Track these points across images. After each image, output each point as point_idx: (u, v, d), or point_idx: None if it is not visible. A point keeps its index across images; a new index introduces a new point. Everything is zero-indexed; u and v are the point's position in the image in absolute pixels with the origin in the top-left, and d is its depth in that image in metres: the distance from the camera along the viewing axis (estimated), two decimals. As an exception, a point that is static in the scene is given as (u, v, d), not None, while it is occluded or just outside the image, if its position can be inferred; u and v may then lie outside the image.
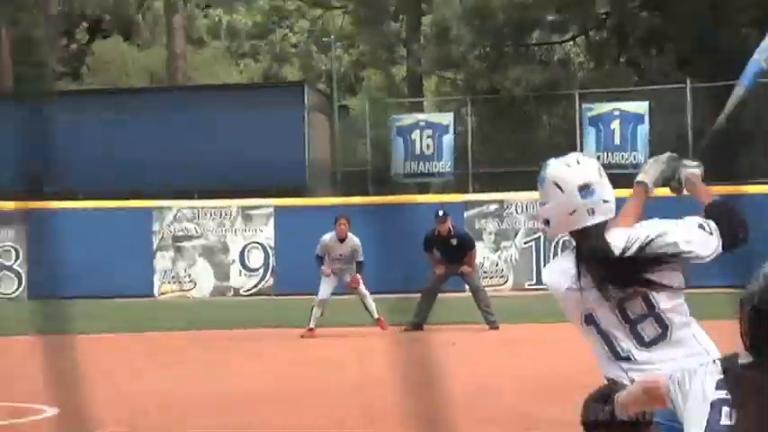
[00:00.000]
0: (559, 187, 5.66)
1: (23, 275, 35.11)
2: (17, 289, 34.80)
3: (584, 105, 38.53)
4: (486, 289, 25.37)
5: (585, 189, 5.64)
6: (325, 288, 23.27)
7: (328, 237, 23.51)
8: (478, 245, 30.64)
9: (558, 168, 5.73)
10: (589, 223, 5.65)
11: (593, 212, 5.65)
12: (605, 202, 5.68)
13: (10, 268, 35.31)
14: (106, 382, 16.81)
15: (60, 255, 33.03)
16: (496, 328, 23.00)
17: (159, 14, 54.48)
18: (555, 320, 10.61)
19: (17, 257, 35.29)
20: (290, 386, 16.35)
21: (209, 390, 15.81)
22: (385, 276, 25.69)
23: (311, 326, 22.90)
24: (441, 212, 24.27)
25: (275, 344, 22.23)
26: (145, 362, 19.78)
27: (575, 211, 5.65)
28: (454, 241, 23.89)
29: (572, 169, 5.71)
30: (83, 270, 33.16)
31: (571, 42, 46.41)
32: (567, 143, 37.68)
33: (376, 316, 23.13)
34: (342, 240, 23.36)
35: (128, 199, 34.83)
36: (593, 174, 5.69)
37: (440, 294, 23.56)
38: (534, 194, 5.97)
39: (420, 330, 21.58)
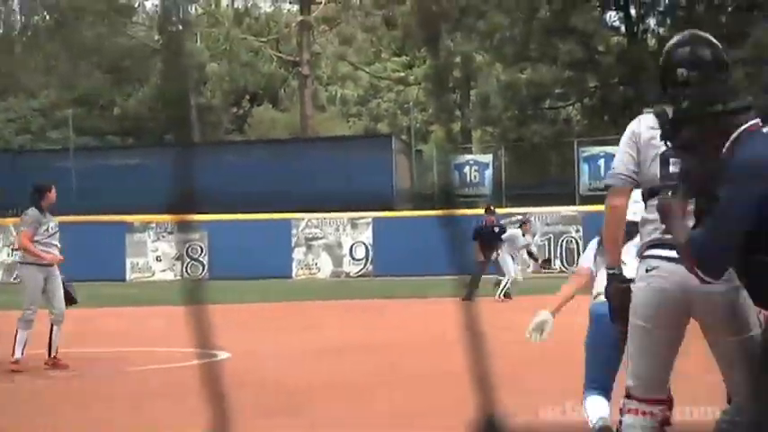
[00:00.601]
0: None
1: (206, 264, 34.99)
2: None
3: (580, 149, 38.28)
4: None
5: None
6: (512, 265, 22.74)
7: (516, 231, 23.23)
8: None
9: None
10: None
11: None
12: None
13: (199, 259, 35.27)
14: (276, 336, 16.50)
15: (238, 247, 33.22)
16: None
17: (295, 89, 54.69)
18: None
19: (202, 252, 35.21)
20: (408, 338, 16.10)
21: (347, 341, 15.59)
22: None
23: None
24: (491, 207, 24.20)
25: (386, 309, 21.78)
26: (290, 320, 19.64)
27: None
28: (497, 229, 23.39)
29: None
30: (242, 259, 33.16)
31: (572, 106, 46.15)
32: (569, 175, 37.61)
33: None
34: (524, 235, 23.28)
35: (272, 212, 34.83)
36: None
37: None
38: (545, 209, 5.94)
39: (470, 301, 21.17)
